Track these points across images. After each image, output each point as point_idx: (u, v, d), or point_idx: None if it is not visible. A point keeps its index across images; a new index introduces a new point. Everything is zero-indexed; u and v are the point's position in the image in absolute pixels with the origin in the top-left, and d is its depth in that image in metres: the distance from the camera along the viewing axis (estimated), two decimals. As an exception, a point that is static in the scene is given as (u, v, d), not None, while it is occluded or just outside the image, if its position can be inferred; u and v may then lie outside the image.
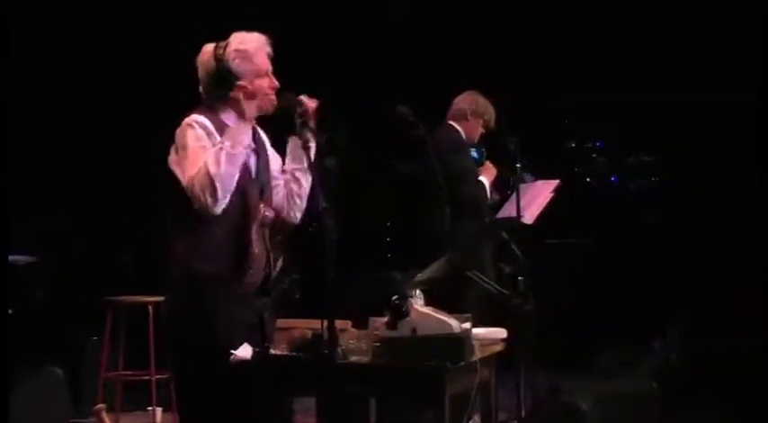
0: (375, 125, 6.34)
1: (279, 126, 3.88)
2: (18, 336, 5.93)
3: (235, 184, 3.62)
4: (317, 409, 4.17)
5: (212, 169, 3.55)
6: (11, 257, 6.15)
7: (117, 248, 7.68)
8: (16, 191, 5.65)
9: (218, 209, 3.59)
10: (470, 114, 6.14)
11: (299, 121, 3.75)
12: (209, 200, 3.56)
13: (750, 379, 6.12)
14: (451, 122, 6.16)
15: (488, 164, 6.14)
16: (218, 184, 3.55)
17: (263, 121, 3.86)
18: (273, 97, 3.77)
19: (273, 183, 3.86)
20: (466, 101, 6.19)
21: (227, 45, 3.71)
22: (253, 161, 3.78)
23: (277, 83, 3.78)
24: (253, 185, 3.75)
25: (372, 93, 7.56)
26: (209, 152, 3.60)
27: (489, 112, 6.18)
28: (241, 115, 3.70)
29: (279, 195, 3.88)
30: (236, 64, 3.69)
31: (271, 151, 3.90)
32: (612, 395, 5.32)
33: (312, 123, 3.75)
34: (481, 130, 6.18)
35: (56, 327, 6.76)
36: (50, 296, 6.89)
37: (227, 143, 3.61)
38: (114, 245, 7.70)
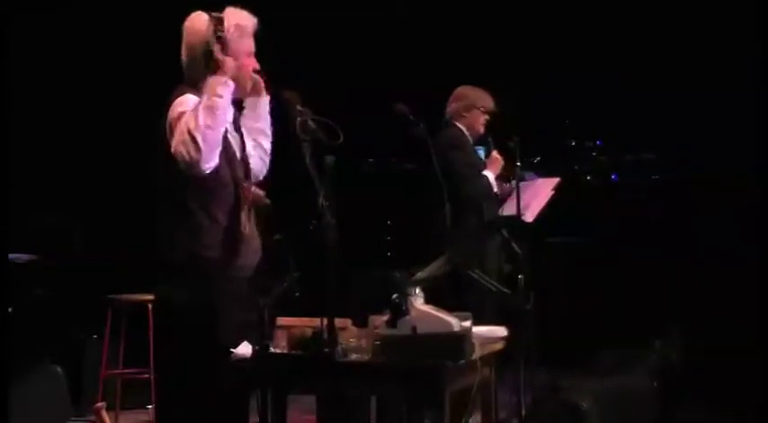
0: (374, 123, 6.33)
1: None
2: (18, 334, 5.93)
3: (221, 137, 3.55)
4: (317, 407, 4.17)
5: (191, 125, 3.49)
6: (11, 255, 6.14)
7: (117, 246, 7.66)
8: (16, 188, 5.64)
9: (206, 164, 3.51)
10: (464, 109, 6.13)
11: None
12: (194, 155, 3.47)
13: (749, 379, 6.11)
14: (455, 122, 6.14)
15: (495, 155, 6.06)
16: (198, 137, 3.47)
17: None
18: (256, 78, 3.76)
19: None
20: (456, 98, 6.17)
21: (223, 18, 3.66)
22: (237, 142, 3.76)
23: (258, 65, 3.77)
24: (239, 166, 3.73)
25: (371, 91, 7.55)
26: (188, 112, 3.55)
27: (482, 97, 6.15)
28: (221, 73, 3.60)
29: (255, 165, 3.86)
30: (235, 40, 3.67)
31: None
32: (612, 394, 5.30)
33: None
34: (484, 118, 6.14)
35: (56, 325, 6.76)
36: (50, 294, 6.89)
37: (204, 97, 3.55)
38: (114, 243, 7.69)
